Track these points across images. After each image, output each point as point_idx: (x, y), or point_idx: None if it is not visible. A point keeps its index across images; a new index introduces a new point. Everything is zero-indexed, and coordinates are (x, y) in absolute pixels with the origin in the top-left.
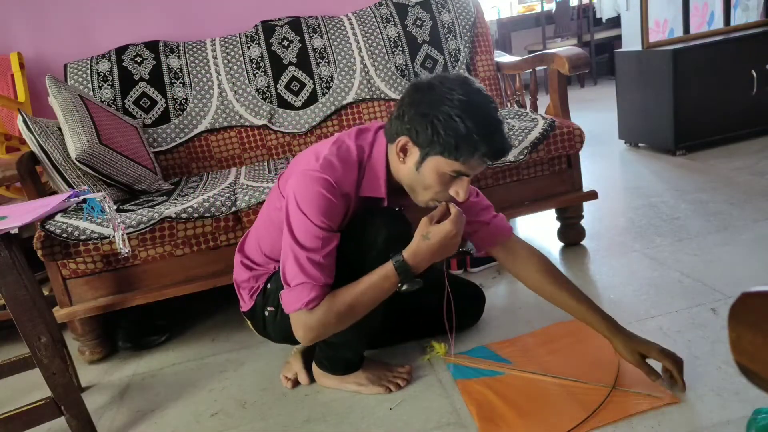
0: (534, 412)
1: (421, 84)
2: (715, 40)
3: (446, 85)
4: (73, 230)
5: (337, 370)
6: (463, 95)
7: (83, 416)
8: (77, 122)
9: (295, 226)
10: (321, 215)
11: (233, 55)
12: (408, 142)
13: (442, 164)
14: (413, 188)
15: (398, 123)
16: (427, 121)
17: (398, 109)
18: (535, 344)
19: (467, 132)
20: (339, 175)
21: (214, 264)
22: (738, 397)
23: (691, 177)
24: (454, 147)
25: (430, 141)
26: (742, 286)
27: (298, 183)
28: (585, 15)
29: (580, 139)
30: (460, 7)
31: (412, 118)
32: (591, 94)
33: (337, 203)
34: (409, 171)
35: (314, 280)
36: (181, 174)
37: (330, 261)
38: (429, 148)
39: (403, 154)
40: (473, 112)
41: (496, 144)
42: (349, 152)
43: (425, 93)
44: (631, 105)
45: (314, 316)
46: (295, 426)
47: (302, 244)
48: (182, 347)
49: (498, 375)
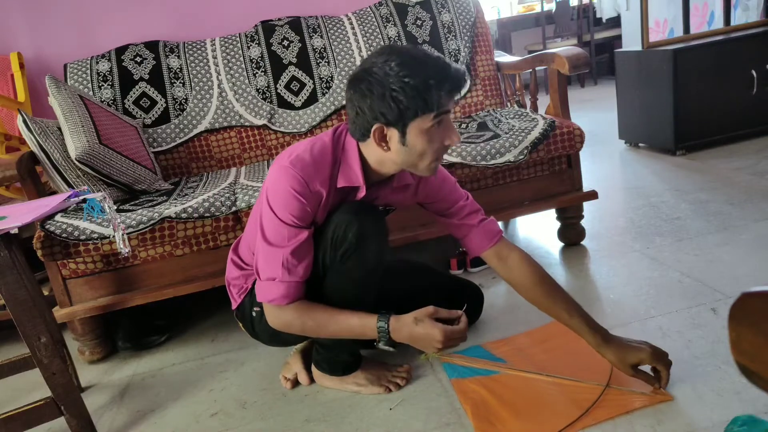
0: (528, 410)
1: (357, 75)
2: (715, 40)
3: (379, 60)
4: (73, 230)
5: (335, 372)
6: (397, 59)
7: (83, 416)
8: (77, 122)
9: (265, 222)
10: (288, 212)
11: (233, 55)
12: (382, 128)
13: (421, 124)
14: (412, 163)
15: (361, 119)
16: (388, 99)
17: (352, 108)
18: (529, 343)
19: (424, 83)
20: (310, 170)
21: (213, 264)
22: (738, 397)
23: (691, 177)
24: (423, 103)
25: (400, 113)
26: (742, 286)
27: (271, 179)
28: (585, 15)
29: (580, 139)
30: (460, 7)
31: (372, 106)
32: (591, 94)
33: (305, 200)
34: (398, 152)
35: (279, 275)
36: (181, 174)
37: (298, 256)
38: (403, 120)
39: (384, 142)
40: (416, 65)
41: (452, 77)
42: (323, 148)
43: (367, 79)
44: (631, 105)
45: (282, 316)
46: (295, 426)
47: (269, 240)
48: (182, 347)
49: (493, 374)
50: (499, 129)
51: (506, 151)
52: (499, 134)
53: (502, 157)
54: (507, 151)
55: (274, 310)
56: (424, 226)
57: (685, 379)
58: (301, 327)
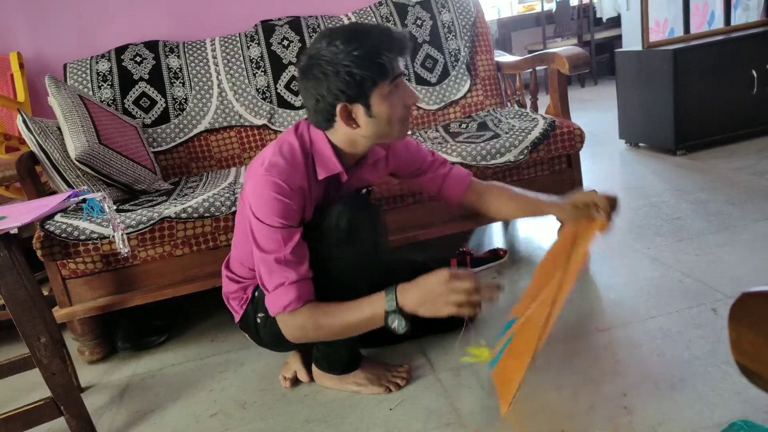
0: (527, 348)
1: (306, 65)
2: (716, 40)
3: (322, 45)
4: (72, 230)
5: (335, 370)
6: (340, 37)
7: (83, 416)
8: (77, 122)
9: (257, 234)
10: (275, 216)
11: (233, 54)
12: (346, 106)
13: (381, 91)
14: (383, 133)
15: (323, 104)
16: (343, 76)
17: (309, 99)
18: (532, 287)
19: (372, 49)
20: (286, 172)
21: (213, 264)
22: (739, 397)
23: (691, 177)
24: (377, 68)
25: (358, 86)
26: (742, 286)
27: (250, 191)
28: (585, 15)
29: (581, 139)
30: (460, 7)
31: (331, 88)
32: (591, 94)
33: (289, 201)
34: (367, 125)
35: (286, 277)
36: (181, 174)
37: (298, 253)
38: (363, 91)
39: (352, 119)
40: (360, 37)
41: (395, 39)
42: (291, 147)
43: (317, 63)
44: (631, 105)
45: (295, 321)
46: (294, 426)
47: (265, 249)
48: (182, 347)
49: (509, 343)
50: (499, 129)
51: (506, 151)
52: (499, 134)
53: (502, 157)
54: (507, 151)
55: (289, 319)
56: (424, 226)
57: (685, 379)
58: (316, 328)
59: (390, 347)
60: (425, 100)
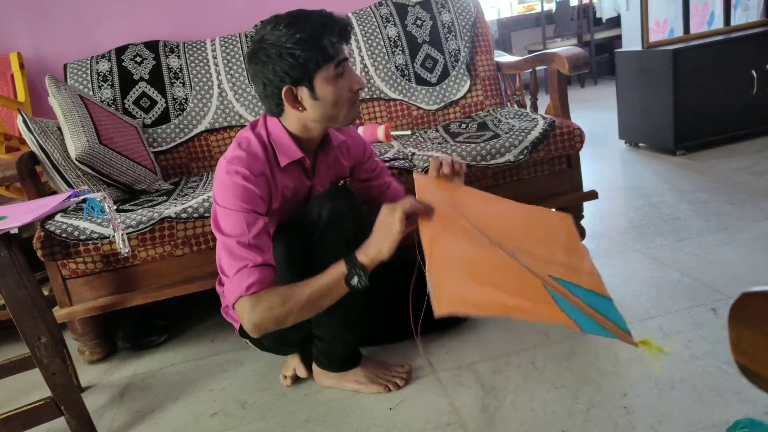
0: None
1: (251, 50)
2: (715, 40)
3: (266, 30)
4: (73, 230)
5: (333, 366)
6: (284, 21)
7: (83, 416)
8: (77, 122)
9: (220, 219)
10: (239, 201)
11: (233, 55)
12: (291, 89)
13: (325, 75)
14: (329, 115)
15: (270, 88)
16: (286, 58)
17: (258, 84)
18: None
19: (313, 32)
20: (247, 162)
21: (213, 264)
22: (738, 397)
23: (691, 177)
24: (320, 52)
25: (302, 67)
26: (742, 286)
27: (216, 185)
28: (585, 15)
29: (580, 139)
30: (460, 7)
31: (275, 69)
32: (591, 94)
33: (252, 187)
34: (313, 107)
35: (250, 260)
36: (181, 174)
37: (262, 241)
38: (307, 74)
39: (298, 102)
40: (302, 21)
41: (337, 21)
42: (249, 141)
43: (262, 47)
44: (631, 105)
45: (259, 303)
46: (294, 426)
47: (228, 234)
48: (182, 347)
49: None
50: (499, 129)
51: (506, 151)
52: (499, 134)
53: (502, 157)
54: (507, 151)
55: (252, 302)
56: None
57: (685, 379)
58: (281, 305)
59: (390, 347)
60: (425, 100)
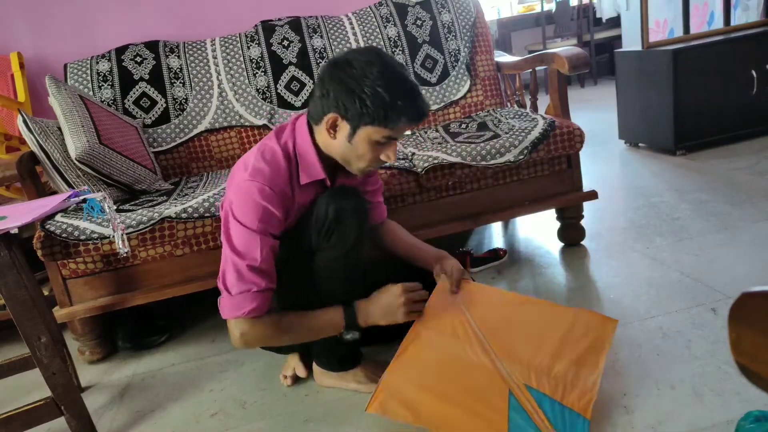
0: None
1: (338, 61)
2: (715, 40)
3: (363, 59)
4: (73, 230)
5: (333, 366)
6: (381, 67)
7: (83, 416)
8: (77, 122)
9: (234, 235)
10: (257, 221)
11: (233, 55)
12: (337, 119)
13: (372, 133)
14: (347, 159)
15: (324, 101)
16: (355, 96)
17: (320, 88)
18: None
19: (392, 101)
20: (270, 178)
21: (214, 264)
22: (738, 397)
23: (691, 177)
24: (384, 116)
25: (359, 114)
26: (742, 286)
27: (233, 195)
28: (585, 15)
29: (580, 139)
30: (460, 7)
31: (339, 95)
32: (591, 94)
33: (272, 208)
34: (341, 144)
35: (255, 285)
36: (181, 174)
37: (269, 265)
38: (359, 120)
39: (334, 131)
40: (394, 82)
41: (419, 108)
42: (274, 153)
43: (346, 70)
44: (631, 105)
45: (255, 327)
46: (294, 426)
47: (240, 252)
48: (182, 347)
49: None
50: (499, 129)
51: (506, 151)
52: (499, 134)
53: (502, 157)
54: (507, 151)
55: (249, 324)
56: (424, 226)
57: (685, 379)
58: (277, 335)
59: (390, 346)
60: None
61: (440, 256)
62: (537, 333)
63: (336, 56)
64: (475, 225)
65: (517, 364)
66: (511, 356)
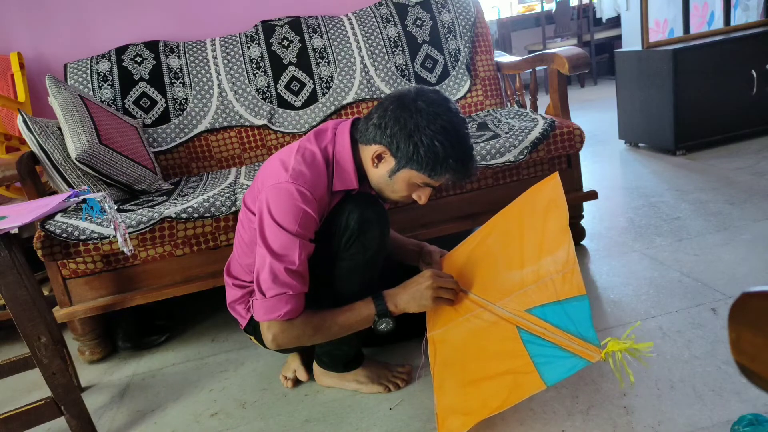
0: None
1: (407, 102)
2: (715, 40)
3: (431, 110)
4: (73, 230)
5: (336, 367)
6: (443, 122)
7: (83, 416)
8: (77, 122)
9: (271, 238)
10: (297, 225)
11: (233, 55)
12: (386, 152)
13: (415, 177)
14: (381, 189)
15: (378, 132)
16: (412, 142)
17: (379, 117)
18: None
19: (446, 157)
20: (311, 182)
21: (214, 264)
22: (738, 397)
23: (691, 177)
24: (431, 168)
25: (409, 158)
26: (742, 286)
27: (272, 196)
28: (585, 15)
29: (580, 139)
30: (460, 7)
31: (395, 134)
32: (591, 94)
33: (312, 212)
34: (381, 176)
35: (291, 288)
36: (181, 174)
37: (305, 268)
38: (406, 163)
39: (378, 160)
40: (454, 141)
41: (467, 171)
42: (314, 156)
43: (412, 114)
44: (631, 105)
45: (290, 329)
46: (294, 426)
47: (279, 254)
48: (182, 347)
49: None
50: (499, 129)
51: (506, 151)
52: (499, 134)
53: (502, 157)
54: (507, 151)
55: (284, 326)
56: (424, 226)
57: (685, 379)
58: (311, 335)
59: (390, 347)
60: None
61: (419, 246)
62: (507, 255)
63: (407, 94)
64: (475, 225)
65: (510, 297)
66: (503, 293)
